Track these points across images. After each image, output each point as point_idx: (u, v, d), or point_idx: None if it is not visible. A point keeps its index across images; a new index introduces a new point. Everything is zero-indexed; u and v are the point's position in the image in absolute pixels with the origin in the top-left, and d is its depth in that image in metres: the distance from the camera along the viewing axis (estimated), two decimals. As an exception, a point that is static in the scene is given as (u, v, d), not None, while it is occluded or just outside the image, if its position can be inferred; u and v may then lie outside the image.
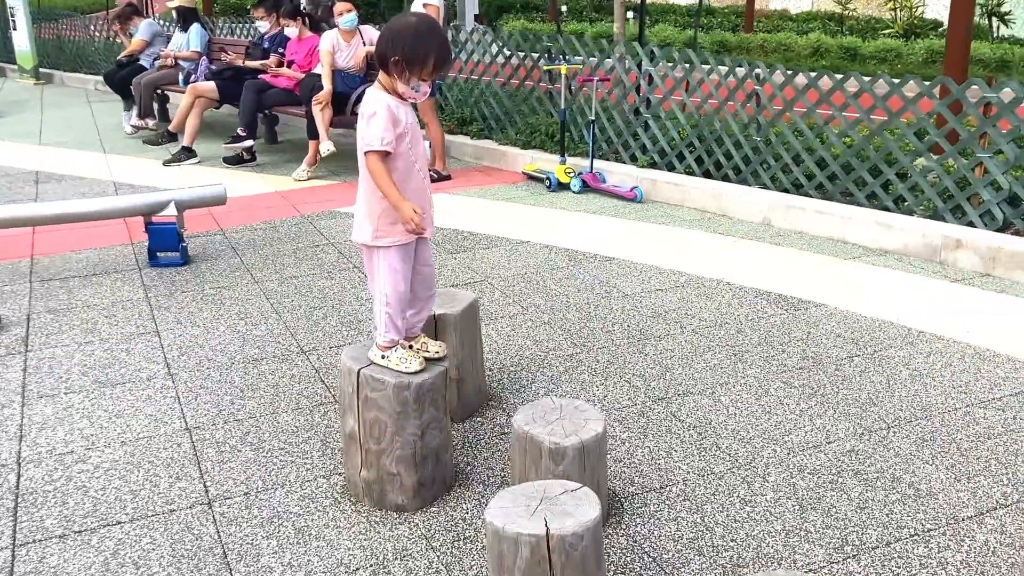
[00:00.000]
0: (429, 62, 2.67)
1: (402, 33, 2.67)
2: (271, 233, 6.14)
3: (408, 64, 2.66)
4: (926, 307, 4.61)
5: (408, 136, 2.76)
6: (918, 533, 2.78)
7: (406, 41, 2.65)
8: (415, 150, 2.81)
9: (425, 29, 2.68)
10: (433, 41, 2.67)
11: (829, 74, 6.15)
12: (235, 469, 3.19)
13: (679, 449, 3.29)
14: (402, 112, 2.75)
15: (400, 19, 2.75)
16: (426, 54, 2.66)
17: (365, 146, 2.70)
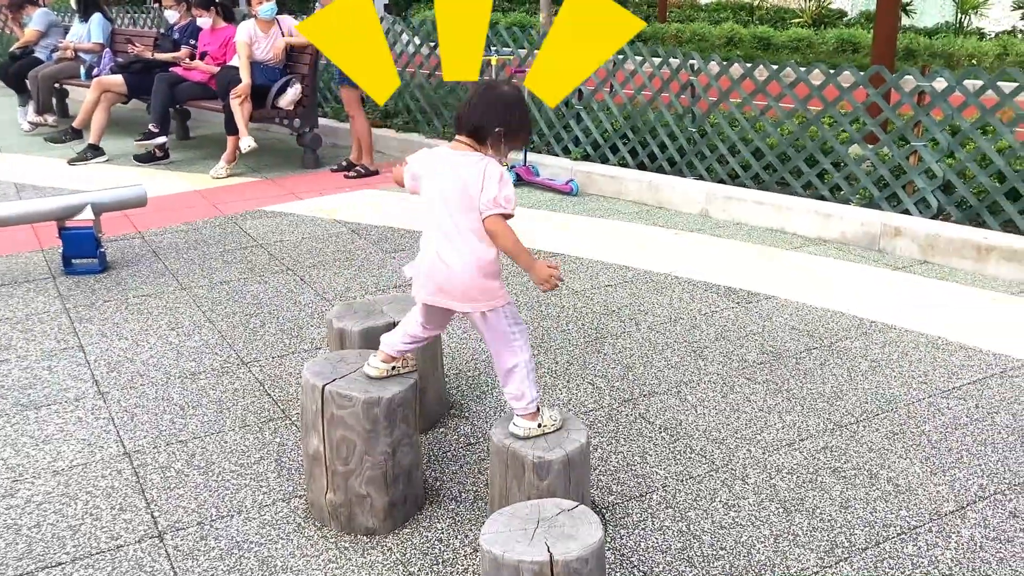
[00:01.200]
0: (520, 138, 2.65)
1: (510, 106, 2.57)
2: (194, 235, 5.81)
3: (510, 138, 2.58)
4: (873, 296, 4.63)
5: None
6: (905, 531, 2.74)
7: (513, 115, 2.57)
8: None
9: (524, 103, 2.65)
10: (528, 116, 2.67)
11: (764, 63, 6.16)
12: (184, 496, 2.94)
13: (653, 453, 3.19)
14: None
15: (502, 90, 2.62)
16: (526, 130, 2.66)
17: (495, 208, 2.49)
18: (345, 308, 3.35)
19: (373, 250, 5.47)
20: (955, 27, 15.18)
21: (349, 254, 5.40)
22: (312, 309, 4.53)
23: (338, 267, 5.17)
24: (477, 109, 2.56)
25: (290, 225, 6.03)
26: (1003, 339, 4.08)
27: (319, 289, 4.81)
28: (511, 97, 2.59)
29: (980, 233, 5.04)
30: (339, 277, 5.00)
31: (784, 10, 18.05)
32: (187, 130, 9.16)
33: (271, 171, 7.67)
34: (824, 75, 5.87)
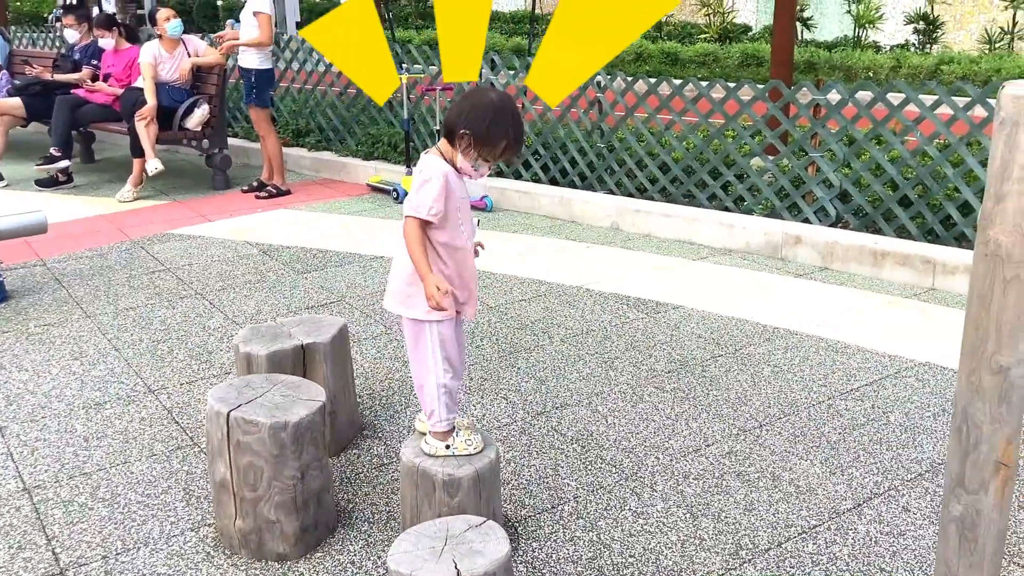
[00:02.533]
0: (499, 147, 2.52)
1: (480, 110, 2.49)
2: (99, 261, 5.66)
3: (478, 144, 2.50)
4: (776, 303, 4.79)
5: (463, 210, 2.61)
6: (805, 530, 2.84)
7: (483, 120, 2.48)
8: (466, 227, 2.63)
9: (505, 112, 2.51)
10: (509, 127, 2.51)
11: (668, 79, 6.32)
12: (88, 531, 2.87)
13: (565, 465, 3.24)
14: (458, 185, 2.59)
15: (481, 94, 2.55)
16: (499, 139, 2.51)
17: (410, 210, 2.50)
18: (252, 332, 3.32)
19: (285, 271, 5.42)
20: (853, 41, 15.78)
21: (260, 276, 5.34)
22: (222, 333, 4.47)
23: (248, 290, 5.10)
24: (452, 112, 2.55)
25: (199, 248, 5.93)
26: (897, 341, 4.26)
27: (229, 313, 4.75)
28: (485, 103, 2.51)
29: (875, 240, 5.26)
30: (250, 300, 4.94)
31: (691, 26, 18.50)
32: (91, 153, 8.93)
33: (180, 193, 7.52)
34: (725, 90, 6.06)
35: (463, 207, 2.62)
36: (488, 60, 7.46)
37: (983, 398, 1.68)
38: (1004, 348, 1.64)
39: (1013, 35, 14.74)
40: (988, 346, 1.65)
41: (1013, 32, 14.76)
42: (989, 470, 1.71)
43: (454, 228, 2.59)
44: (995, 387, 1.67)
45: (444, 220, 2.55)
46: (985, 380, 1.67)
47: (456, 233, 2.60)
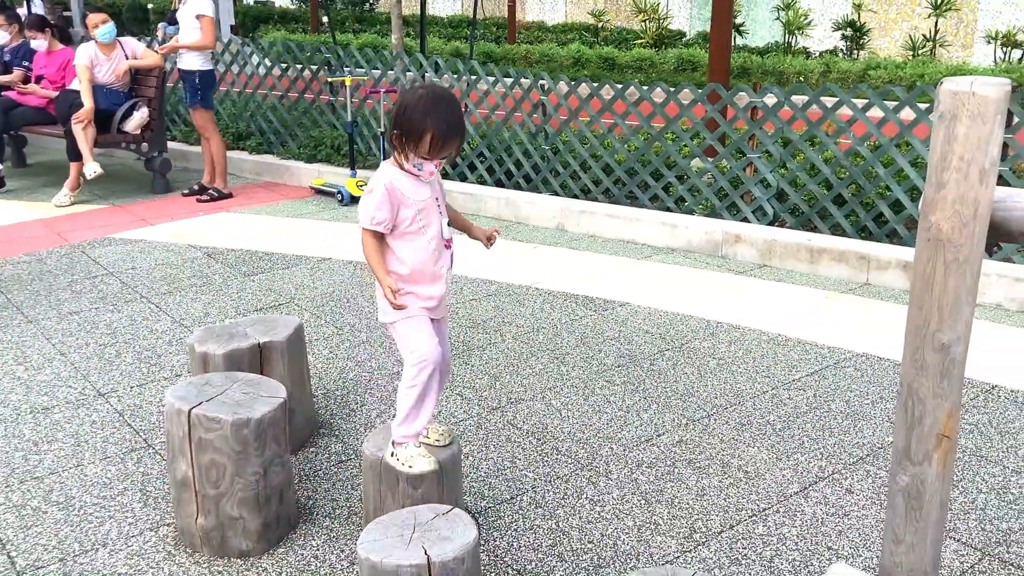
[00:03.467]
0: (424, 140, 2.47)
1: (405, 106, 2.48)
2: (38, 266, 5.55)
3: (405, 140, 2.49)
4: (719, 299, 4.93)
5: (420, 214, 2.56)
6: (755, 513, 2.95)
7: (406, 115, 2.47)
8: (430, 228, 2.59)
9: (428, 104, 2.46)
10: (434, 118, 2.45)
11: (610, 83, 6.44)
12: (43, 534, 2.84)
13: (522, 457, 3.30)
14: (408, 187, 2.55)
15: (412, 90, 2.53)
16: (422, 131, 2.46)
17: (359, 221, 2.56)
18: (207, 332, 3.32)
19: (231, 274, 5.38)
20: (783, 47, 16.22)
21: (206, 279, 5.30)
22: (170, 336, 4.43)
23: (195, 292, 5.06)
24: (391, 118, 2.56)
25: (142, 252, 5.85)
26: (835, 333, 4.43)
27: (176, 316, 4.70)
28: (410, 98, 2.49)
29: (812, 237, 5.44)
30: (196, 303, 4.90)
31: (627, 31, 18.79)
32: (23, 157, 8.70)
33: (119, 198, 7.40)
34: (665, 93, 6.20)
35: (425, 209, 2.58)
36: (432, 63, 7.50)
37: (927, 374, 1.80)
38: (945, 326, 1.76)
39: (935, 42, 15.32)
40: (931, 325, 1.77)
41: (935, 39, 15.33)
42: (932, 442, 1.82)
43: (411, 233, 2.58)
44: (937, 363, 1.78)
45: (400, 227, 2.56)
46: (928, 357, 1.79)
47: (415, 237, 2.58)
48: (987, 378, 3.92)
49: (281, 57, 8.56)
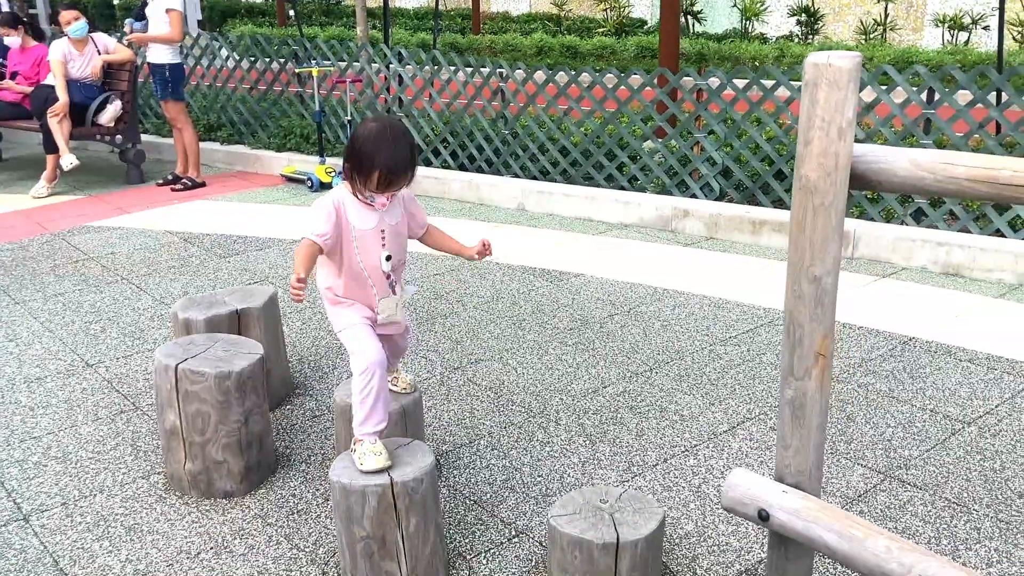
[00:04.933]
0: (373, 177, 2.49)
1: (357, 138, 2.50)
2: (20, 253, 5.80)
3: (355, 172, 2.52)
4: (667, 269, 5.29)
5: (364, 240, 2.60)
6: (688, 449, 3.31)
7: (356, 149, 2.49)
8: (368, 256, 2.62)
9: (377, 140, 2.46)
10: (382, 156, 2.45)
11: (565, 69, 6.77)
12: (45, 483, 3.13)
13: (480, 408, 3.63)
14: (354, 214, 2.57)
15: (364, 124, 2.54)
16: (370, 168, 2.48)
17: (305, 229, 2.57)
18: (188, 301, 3.61)
19: (207, 256, 5.66)
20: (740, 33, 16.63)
21: (183, 261, 5.57)
22: (152, 313, 4.71)
23: (173, 274, 5.34)
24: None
25: (120, 238, 6.11)
26: (771, 296, 4.79)
27: (156, 295, 4.98)
28: (364, 132, 2.50)
29: (755, 211, 5.81)
30: (175, 283, 5.18)
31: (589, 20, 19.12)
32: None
33: (94, 188, 7.63)
34: (617, 78, 6.54)
35: (363, 239, 2.60)
36: (396, 54, 7.79)
37: (803, 303, 2.14)
38: (817, 261, 2.10)
39: (885, 26, 15.79)
40: (805, 261, 2.11)
41: (885, 24, 15.81)
42: (811, 360, 2.17)
43: (346, 256, 2.61)
44: (812, 293, 2.13)
45: (336, 248, 2.60)
46: (804, 288, 2.13)
47: (353, 262, 2.61)
48: (906, 331, 4.30)
49: (250, 51, 8.81)
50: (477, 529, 2.85)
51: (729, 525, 2.85)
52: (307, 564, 2.68)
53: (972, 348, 4.11)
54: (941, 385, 3.76)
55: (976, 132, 5.26)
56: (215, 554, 2.74)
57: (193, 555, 2.74)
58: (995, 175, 1.91)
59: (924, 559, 1.98)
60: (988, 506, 2.92)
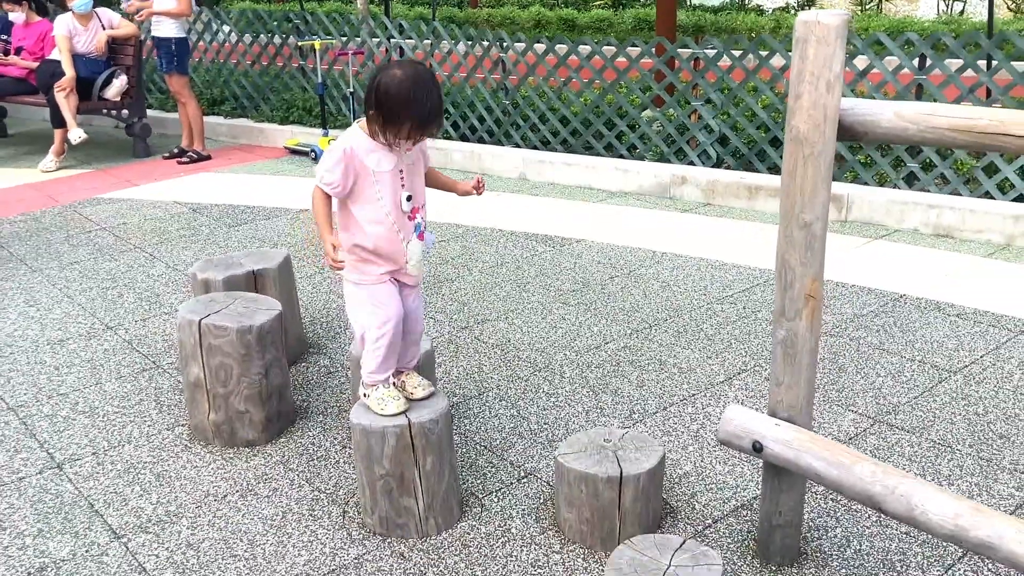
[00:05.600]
0: (404, 128, 2.45)
1: (386, 88, 2.42)
2: (34, 224, 5.93)
3: (384, 122, 2.46)
4: (665, 234, 5.43)
5: (383, 183, 2.54)
6: (686, 398, 3.47)
7: (387, 99, 2.42)
8: (391, 199, 2.57)
9: (410, 90, 2.41)
10: (415, 107, 2.41)
11: (564, 40, 6.88)
12: (75, 435, 3.29)
13: (488, 364, 3.79)
14: (373, 158, 2.52)
15: (390, 70, 2.46)
16: (401, 119, 2.43)
17: (316, 178, 2.56)
18: (206, 263, 3.76)
19: (216, 226, 5.80)
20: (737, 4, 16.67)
21: (193, 231, 5.71)
22: (167, 279, 4.86)
23: (184, 243, 5.48)
24: (368, 86, 2.49)
25: (130, 209, 6.24)
26: (766, 258, 4.94)
27: (169, 262, 5.12)
28: (392, 82, 2.42)
29: (750, 177, 5.95)
30: (187, 251, 5.32)
31: (587, -7, 19.10)
32: (3, 128, 9.00)
33: (102, 162, 7.75)
34: (616, 47, 6.65)
35: (385, 181, 2.55)
36: (397, 26, 7.88)
37: (794, 247, 2.29)
38: (807, 208, 2.25)
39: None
40: (795, 208, 2.26)
41: (883, -6, 15.85)
42: (801, 302, 2.32)
43: (369, 202, 2.55)
44: (802, 238, 2.27)
45: (358, 194, 2.55)
46: (795, 233, 2.28)
47: (375, 208, 2.56)
48: (897, 289, 4.46)
49: (252, 25, 8.88)
50: (488, 471, 3.01)
51: (726, 465, 3.02)
52: (328, 504, 2.85)
53: (960, 304, 4.26)
54: (929, 338, 3.92)
55: (966, 96, 5.39)
56: (241, 496, 2.90)
57: (220, 497, 2.90)
58: (973, 124, 2.05)
59: (905, 481, 2.14)
60: (971, 446, 3.09)
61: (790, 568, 2.52)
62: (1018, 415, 3.28)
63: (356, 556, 2.60)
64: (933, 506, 2.07)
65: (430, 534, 2.69)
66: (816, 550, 2.60)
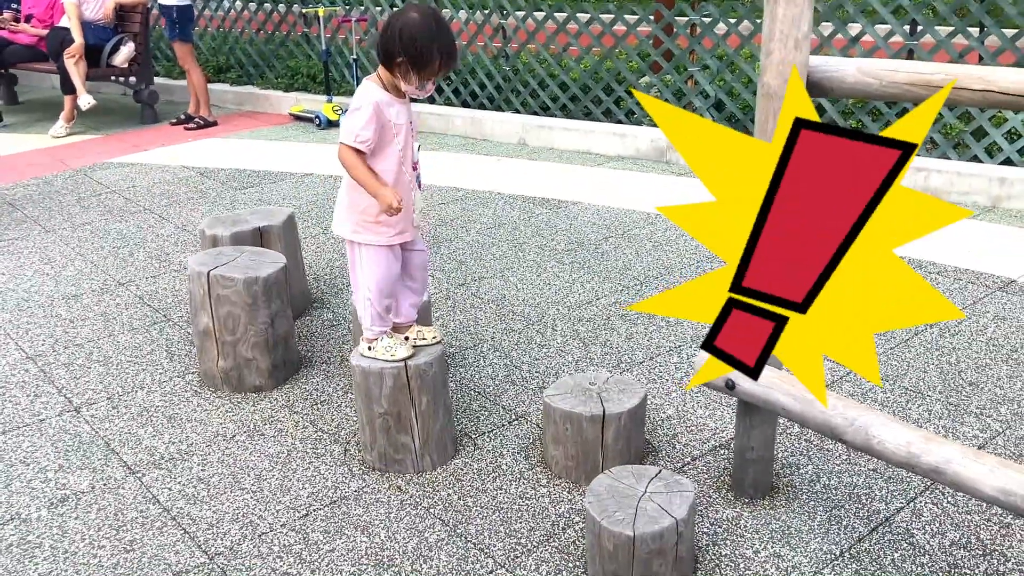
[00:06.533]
0: (435, 64, 2.53)
1: (410, 32, 2.50)
2: (46, 187, 6.10)
3: (414, 66, 2.53)
4: (660, 196, 5.57)
5: (400, 136, 2.65)
6: (672, 349, 3.63)
7: (414, 42, 2.50)
8: (405, 151, 2.68)
9: (433, 28, 2.51)
10: (440, 41, 2.52)
11: (563, 6, 6.98)
12: (91, 382, 3.47)
13: (483, 318, 3.95)
14: (393, 111, 2.61)
15: (405, 15, 2.54)
16: (432, 56, 2.52)
17: (342, 136, 2.59)
18: (214, 220, 3.92)
19: (223, 189, 5.95)
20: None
21: (201, 193, 5.87)
22: (176, 239, 5.02)
23: (193, 204, 5.64)
24: (382, 38, 2.55)
25: (140, 173, 6.40)
26: (758, 219, 5.08)
27: (178, 224, 5.29)
28: (412, 24, 2.50)
29: (745, 141, 6.06)
30: (195, 212, 5.48)
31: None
32: (15, 95, 9.14)
33: (111, 128, 7.89)
34: (614, 14, 6.75)
35: (402, 133, 2.65)
36: (399, -6, 7.96)
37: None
38: (776, 160, 2.39)
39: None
40: (766, 160, 2.40)
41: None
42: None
43: (392, 155, 2.65)
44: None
45: (380, 148, 2.62)
46: (765, 184, 2.42)
47: (394, 160, 2.65)
48: (881, 249, 4.59)
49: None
50: (481, 415, 3.19)
51: (707, 409, 3.18)
52: (331, 443, 3.03)
53: (942, 263, 4.40)
54: (909, 294, 4.07)
55: (957, 62, 5.49)
56: (248, 436, 3.08)
57: (229, 438, 3.08)
58: (929, 79, 2.19)
59: (863, 413, 2.31)
60: (940, 392, 3.25)
61: (762, 500, 2.69)
62: (988, 365, 3.44)
63: (356, 489, 2.78)
64: (888, 435, 2.23)
65: (425, 469, 2.87)
66: (788, 485, 2.77)
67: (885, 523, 2.59)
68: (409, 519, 2.63)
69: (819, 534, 2.55)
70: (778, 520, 2.60)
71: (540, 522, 2.62)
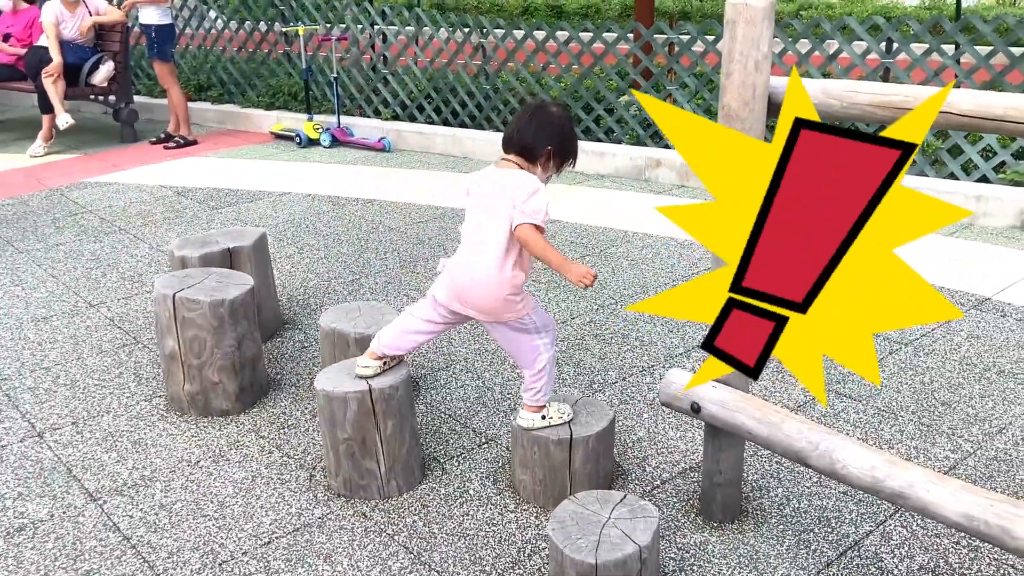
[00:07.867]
0: (571, 161, 2.72)
1: (560, 129, 2.62)
2: (21, 207, 6.05)
3: (560, 158, 2.65)
4: (637, 214, 5.56)
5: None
6: (645, 369, 3.60)
7: (564, 138, 2.63)
8: None
9: (571, 126, 2.71)
10: (575, 139, 2.72)
11: (542, 25, 6.99)
12: (56, 406, 3.42)
13: (457, 338, 3.92)
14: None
15: (551, 111, 2.64)
16: (574, 151, 2.70)
17: (525, 218, 2.52)
18: (184, 241, 3.88)
19: (200, 208, 5.92)
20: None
21: (177, 213, 5.83)
22: (150, 259, 4.98)
23: (168, 224, 5.60)
24: (528, 129, 2.59)
25: (116, 192, 6.36)
26: (735, 237, 5.07)
27: (153, 244, 5.25)
28: (561, 119, 2.64)
29: (724, 159, 6.07)
30: (170, 232, 5.44)
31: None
32: (-7, 114, 9.11)
33: (90, 147, 7.85)
34: (592, 33, 6.76)
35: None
36: (379, 12, 7.97)
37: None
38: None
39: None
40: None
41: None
42: (737, 271, 2.45)
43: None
44: (736, 210, 2.40)
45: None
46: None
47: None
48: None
49: (238, 12, 8.97)
50: (451, 437, 3.15)
51: (677, 431, 3.15)
52: (296, 468, 2.98)
53: (917, 280, 4.39)
54: (884, 312, 4.05)
55: (932, 80, 5.51)
56: (213, 461, 3.04)
57: (193, 463, 3.03)
58: (890, 100, 2.18)
59: (828, 437, 2.28)
60: (913, 412, 3.23)
61: (731, 524, 2.66)
62: (962, 384, 3.43)
63: (320, 515, 2.74)
64: (852, 459, 2.20)
65: (391, 495, 2.83)
66: (757, 508, 2.74)
67: (854, 547, 2.56)
68: (373, 547, 2.59)
69: (787, 559, 2.51)
70: (746, 545, 2.57)
71: (506, 548, 2.58)
